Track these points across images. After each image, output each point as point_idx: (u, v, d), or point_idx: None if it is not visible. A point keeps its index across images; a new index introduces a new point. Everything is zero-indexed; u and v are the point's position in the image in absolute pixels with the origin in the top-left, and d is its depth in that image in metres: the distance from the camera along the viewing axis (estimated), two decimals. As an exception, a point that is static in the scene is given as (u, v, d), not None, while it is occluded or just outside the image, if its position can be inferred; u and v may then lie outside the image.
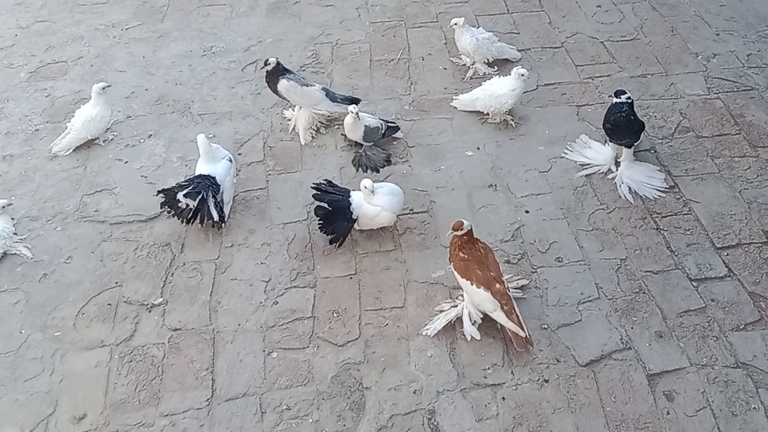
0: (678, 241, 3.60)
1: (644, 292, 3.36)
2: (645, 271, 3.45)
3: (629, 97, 3.83)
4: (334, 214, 3.52)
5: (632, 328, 3.21)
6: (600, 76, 4.73)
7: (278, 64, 4.17)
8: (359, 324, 3.25)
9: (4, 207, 3.61)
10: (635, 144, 3.92)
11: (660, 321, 3.23)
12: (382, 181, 3.79)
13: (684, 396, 2.95)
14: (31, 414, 2.94)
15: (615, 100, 3.84)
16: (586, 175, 3.97)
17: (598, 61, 4.87)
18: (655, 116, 4.38)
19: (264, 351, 3.16)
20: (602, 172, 3.98)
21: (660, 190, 3.86)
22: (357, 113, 3.98)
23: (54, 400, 2.99)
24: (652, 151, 4.10)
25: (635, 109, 3.89)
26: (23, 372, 3.09)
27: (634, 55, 4.92)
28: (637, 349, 3.12)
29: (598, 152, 4.07)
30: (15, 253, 3.59)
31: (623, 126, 3.83)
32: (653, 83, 4.67)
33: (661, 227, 3.68)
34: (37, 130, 4.40)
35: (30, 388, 3.03)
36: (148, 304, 3.35)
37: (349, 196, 3.55)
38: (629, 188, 3.86)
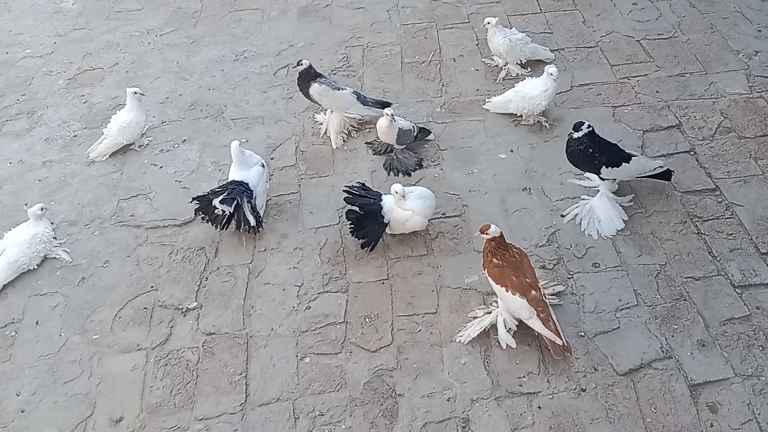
0: (720, 246, 3.49)
1: (685, 299, 3.26)
2: (686, 278, 3.36)
3: (589, 126, 3.52)
4: (366, 219, 3.50)
5: (673, 336, 3.12)
6: (636, 76, 4.62)
7: (310, 67, 4.18)
8: (392, 330, 3.23)
9: (43, 210, 3.67)
10: (602, 177, 3.62)
11: (702, 329, 3.14)
12: (413, 185, 3.77)
13: (728, 408, 2.86)
14: (70, 416, 2.99)
15: (574, 135, 3.53)
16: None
17: (635, 61, 4.77)
18: (695, 116, 4.26)
19: (297, 356, 3.16)
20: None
21: (617, 230, 3.57)
22: (392, 115, 3.96)
23: (92, 403, 3.04)
24: (692, 153, 3.98)
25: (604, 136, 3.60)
26: (63, 374, 3.15)
27: (671, 53, 4.80)
28: (678, 359, 3.03)
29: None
30: (55, 257, 3.65)
31: (579, 159, 3.62)
32: (692, 82, 4.54)
33: (703, 231, 3.57)
34: (76, 136, 4.48)
35: (69, 391, 3.09)
36: (182, 308, 3.38)
37: (381, 200, 3.53)
38: (588, 222, 3.62)
